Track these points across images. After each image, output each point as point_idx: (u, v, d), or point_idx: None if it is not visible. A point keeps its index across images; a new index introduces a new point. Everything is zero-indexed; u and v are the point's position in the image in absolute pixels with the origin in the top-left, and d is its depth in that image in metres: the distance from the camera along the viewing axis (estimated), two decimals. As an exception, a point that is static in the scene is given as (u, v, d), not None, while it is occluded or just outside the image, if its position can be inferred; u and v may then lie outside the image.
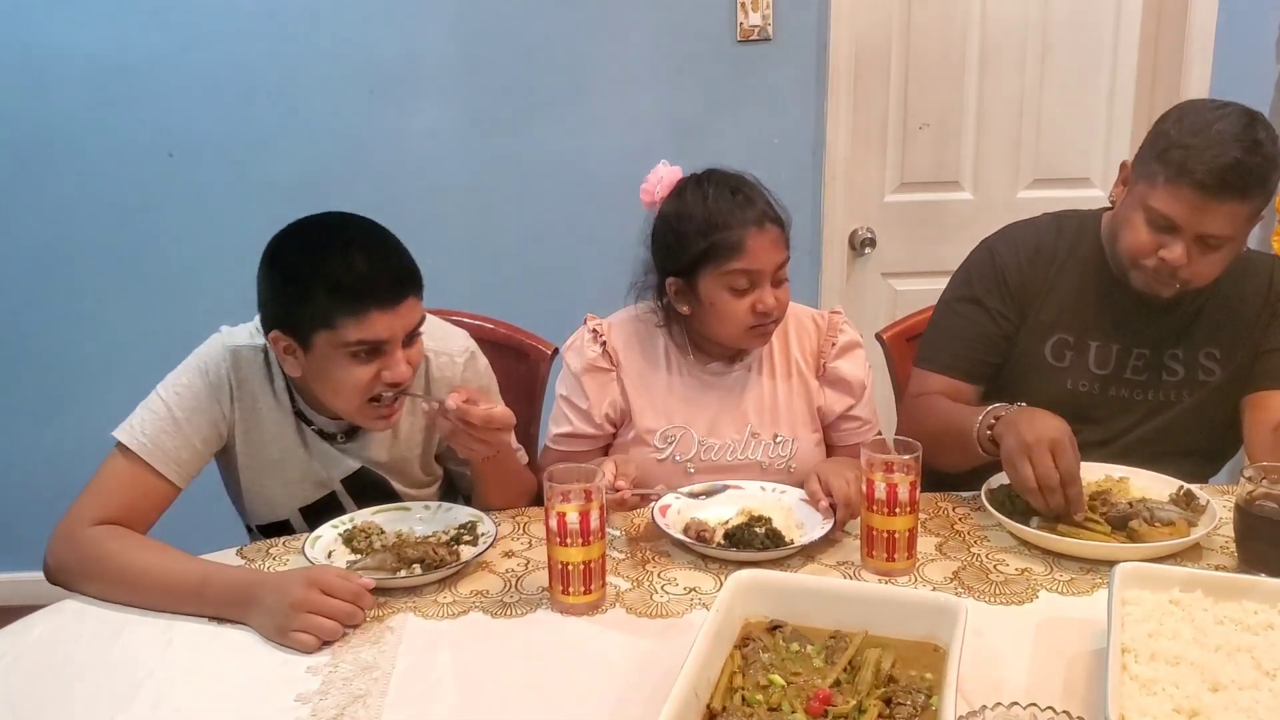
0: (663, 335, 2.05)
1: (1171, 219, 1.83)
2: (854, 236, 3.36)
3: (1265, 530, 1.59)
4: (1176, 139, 1.82)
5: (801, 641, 1.38)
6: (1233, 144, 1.78)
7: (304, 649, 1.49)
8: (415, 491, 1.98)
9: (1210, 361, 2.03)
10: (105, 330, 3.26)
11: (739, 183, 1.94)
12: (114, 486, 1.73)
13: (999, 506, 1.78)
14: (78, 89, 3.11)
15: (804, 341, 2.07)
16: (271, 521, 1.95)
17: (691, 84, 3.19)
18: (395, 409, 1.77)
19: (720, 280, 1.90)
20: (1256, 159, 1.78)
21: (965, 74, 3.28)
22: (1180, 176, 1.80)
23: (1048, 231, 2.10)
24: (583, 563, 1.56)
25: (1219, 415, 2.05)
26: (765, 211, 1.90)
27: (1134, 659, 1.28)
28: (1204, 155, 1.78)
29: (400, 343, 1.71)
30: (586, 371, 2.02)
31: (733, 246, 1.87)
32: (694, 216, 1.90)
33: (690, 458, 2.00)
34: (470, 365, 1.96)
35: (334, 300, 1.65)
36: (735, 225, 1.88)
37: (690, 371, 2.04)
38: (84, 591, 1.65)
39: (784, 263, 1.93)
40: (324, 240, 1.70)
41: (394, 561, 1.68)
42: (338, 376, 1.71)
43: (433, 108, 3.18)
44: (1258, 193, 1.81)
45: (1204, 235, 1.83)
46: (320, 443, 1.90)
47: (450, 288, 2.84)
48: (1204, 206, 1.80)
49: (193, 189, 3.13)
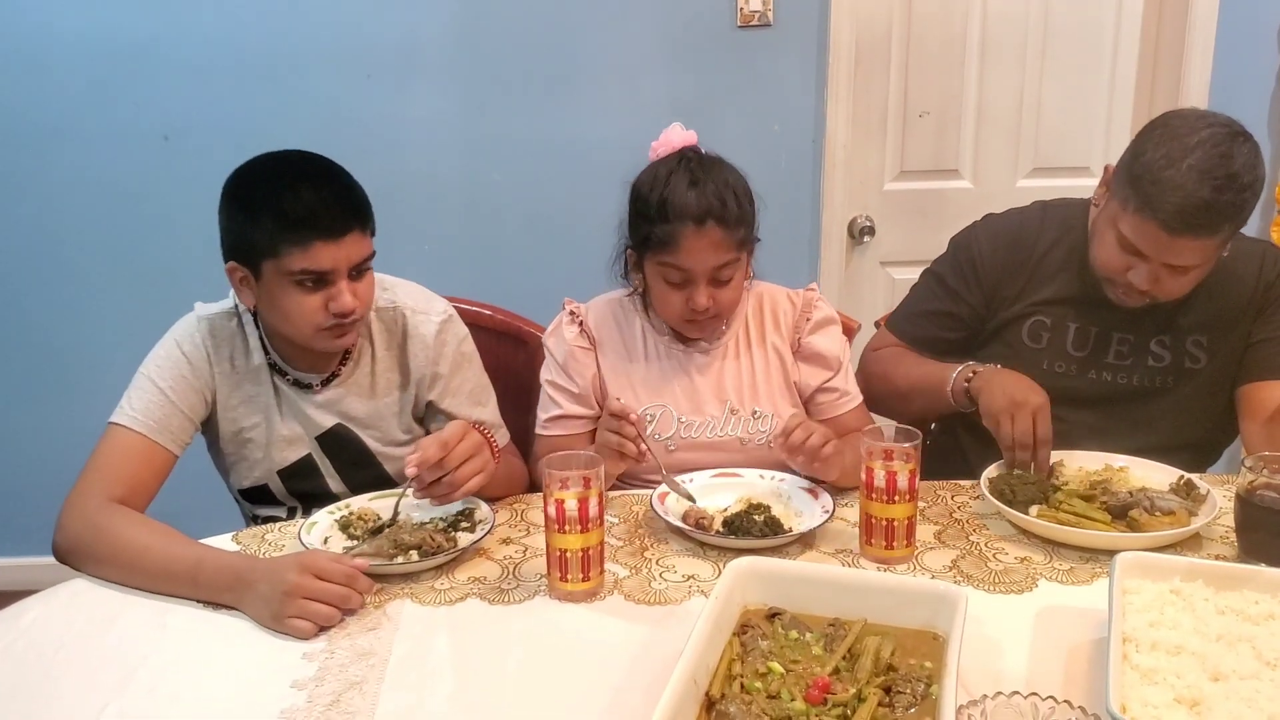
0: (639, 317, 2.06)
1: (1137, 248, 1.84)
2: (853, 225, 3.35)
3: (1266, 520, 1.58)
4: (1149, 169, 1.79)
5: (800, 629, 1.37)
6: (1204, 183, 1.74)
7: (300, 635, 1.49)
8: (391, 450, 1.98)
9: (1197, 349, 2.03)
10: (102, 315, 3.25)
11: (709, 174, 1.88)
12: (114, 460, 1.77)
13: (998, 495, 1.78)
14: (72, 72, 3.09)
15: (780, 320, 2.07)
16: (252, 486, 1.97)
17: (691, 69, 3.17)
18: (348, 329, 1.81)
19: (656, 269, 1.91)
20: (1227, 196, 1.75)
21: (966, 62, 3.27)
22: (1147, 211, 1.79)
23: (1032, 219, 2.12)
24: (581, 549, 1.55)
25: (1209, 406, 2.05)
26: (712, 210, 1.84)
27: (1135, 648, 1.28)
28: (1173, 196, 1.75)
29: (345, 274, 1.75)
30: (568, 353, 2.03)
31: (667, 240, 1.86)
32: (647, 199, 1.89)
33: (670, 435, 1.99)
34: (448, 328, 1.97)
35: (280, 229, 1.71)
36: (674, 219, 1.85)
37: (667, 351, 2.04)
38: (88, 570, 1.66)
39: (725, 264, 1.88)
40: (277, 172, 1.77)
41: (391, 548, 1.67)
42: (286, 305, 1.76)
43: (430, 93, 3.17)
44: (1227, 226, 1.79)
45: (1171, 265, 1.84)
46: (296, 399, 1.92)
47: (448, 274, 2.83)
48: (1169, 243, 1.80)
49: (189, 173, 3.11)
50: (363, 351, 1.94)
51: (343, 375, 1.92)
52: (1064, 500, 1.76)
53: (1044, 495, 1.78)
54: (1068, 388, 2.01)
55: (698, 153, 1.94)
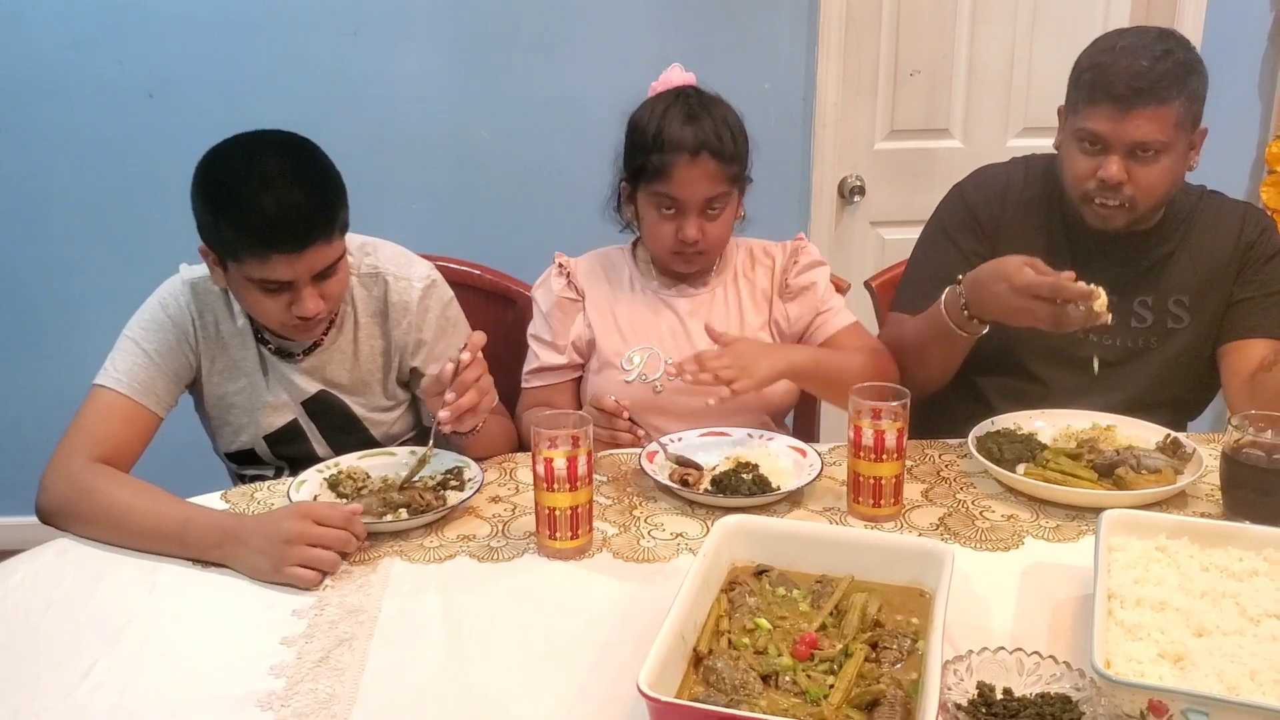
0: (628, 265, 2.08)
1: (1098, 134, 1.87)
2: (843, 184, 3.33)
3: (1251, 478, 1.59)
4: (1088, 65, 1.89)
5: (788, 586, 1.38)
6: (1140, 53, 1.83)
7: (304, 584, 1.49)
8: (377, 416, 1.98)
9: (1180, 309, 2.03)
10: (86, 273, 3.22)
11: (703, 109, 1.92)
12: (98, 420, 1.76)
13: (986, 453, 1.78)
14: (55, 29, 3.04)
15: (772, 267, 2.08)
16: (239, 450, 1.97)
17: (681, 26, 3.14)
18: (314, 326, 1.81)
19: (650, 199, 1.94)
20: (1166, 64, 1.83)
21: (957, 21, 3.24)
22: (1096, 94, 1.86)
23: (1015, 171, 2.12)
24: (570, 508, 1.56)
25: (1190, 365, 2.05)
26: (707, 142, 1.88)
27: (1120, 604, 1.29)
28: (1115, 72, 1.84)
29: (306, 282, 1.72)
30: (554, 305, 2.05)
31: (661, 169, 1.89)
32: (644, 130, 1.92)
33: (658, 377, 2.01)
34: (431, 294, 1.96)
35: (238, 236, 1.67)
36: (669, 149, 1.88)
37: (655, 293, 2.07)
38: (73, 531, 1.65)
39: (716, 196, 1.92)
40: (244, 172, 1.68)
41: (380, 506, 1.67)
42: (249, 302, 1.77)
43: (418, 50, 3.13)
44: (1174, 95, 1.84)
45: (1134, 145, 1.86)
46: (280, 365, 1.91)
47: (436, 233, 2.82)
48: (1124, 116, 1.84)
49: (173, 131, 3.07)
50: (345, 318, 1.92)
51: (325, 343, 1.91)
52: (1051, 458, 1.76)
53: (1031, 454, 1.78)
54: (1053, 347, 2.02)
55: (697, 90, 1.97)
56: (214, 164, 1.72)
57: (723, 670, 1.20)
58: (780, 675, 1.21)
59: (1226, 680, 1.15)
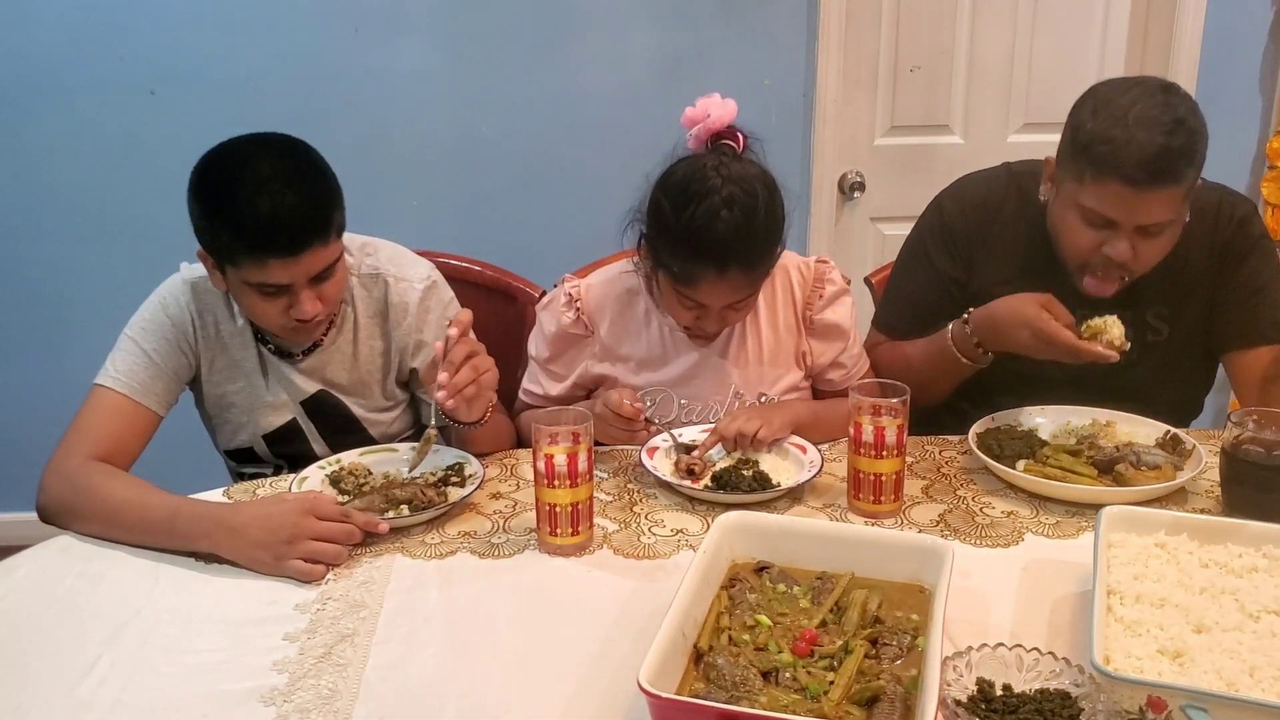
0: (644, 296, 1.98)
1: (1107, 216, 1.80)
2: (843, 180, 3.33)
3: (1250, 475, 1.59)
4: (1097, 135, 1.76)
5: (788, 582, 1.38)
6: (1154, 130, 1.72)
7: (309, 578, 1.50)
8: (376, 416, 1.98)
9: (1159, 321, 2.00)
10: (88, 270, 3.22)
11: (741, 197, 1.75)
12: (98, 420, 1.77)
13: (986, 450, 1.78)
14: (57, 25, 3.04)
15: (790, 291, 2.01)
16: (238, 448, 1.98)
17: (682, 22, 3.13)
18: (313, 328, 1.81)
19: (671, 287, 1.84)
20: (1180, 139, 1.72)
21: (957, 16, 3.24)
22: (1107, 173, 1.75)
23: (998, 184, 2.07)
24: (570, 504, 1.56)
25: (1176, 372, 2.03)
26: (738, 257, 1.75)
27: (1119, 601, 1.29)
28: (1129, 149, 1.72)
29: (304, 285, 1.72)
30: (559, 337, 1.99)
31: (686, 277, 1.78)
32: (670, 223, 1.77)
33: (671, 419, 1.95)
34: (432, 294, 1.96)
35: (234, 241, 1.68)
36: (698, 260, 1.75)
37: (671, 331, 1.98)
38: (72, 528, 1.66)
39: (743, 299, 1.84)
40: (236, 178, 1.67)
41: (382, 502, 1.68)
42: (248, 306, 1.78)
43: (419, 47, 3.13)
44: (1187, 171, 1.75)
45: (1143, 225, 1.79)
46: (279, 365, 1.91)
47: (437, 229, 2.83)
48: (1137, 198, 1.75)
49: (175, 128, 3.08)
50: (345, 319, 1.92)
51: (325, 343, 1.91)
52: (1051, 455, 1.77)
53: (1031, 450, 1.78)
54: (1034, 370, 1.93)
55: (734, 153, 1.81)
56: (208, 169, 1.71)
57: (723, 667, 1.20)
58: (780, 671, 1.21)
59: (1225, 676, 1.15)
